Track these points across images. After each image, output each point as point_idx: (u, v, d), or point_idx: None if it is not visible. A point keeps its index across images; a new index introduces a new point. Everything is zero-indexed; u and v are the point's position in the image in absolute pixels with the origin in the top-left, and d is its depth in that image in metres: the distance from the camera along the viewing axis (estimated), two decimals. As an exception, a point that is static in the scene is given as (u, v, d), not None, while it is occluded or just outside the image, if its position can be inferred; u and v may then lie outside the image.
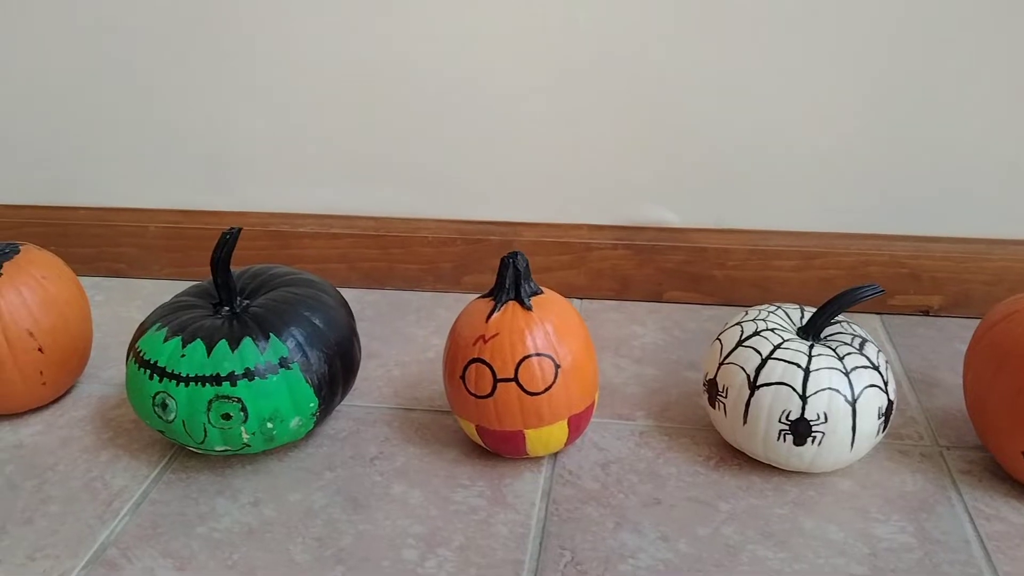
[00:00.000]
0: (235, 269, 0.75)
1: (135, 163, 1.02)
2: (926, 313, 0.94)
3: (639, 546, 0.64)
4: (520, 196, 0.97)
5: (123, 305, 1.01)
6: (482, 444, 0.72)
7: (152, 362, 0.69)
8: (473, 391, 0.68)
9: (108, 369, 0.88)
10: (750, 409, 0.67)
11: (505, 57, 0.90)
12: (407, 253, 1.01)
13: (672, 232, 0.96)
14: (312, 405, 0.70)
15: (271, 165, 1.00)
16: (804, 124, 0.89)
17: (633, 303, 0.99)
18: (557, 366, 0.67)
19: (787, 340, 0.68)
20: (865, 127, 0.88)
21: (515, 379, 0.67)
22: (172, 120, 0.99)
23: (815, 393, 0.65)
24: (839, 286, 0.92)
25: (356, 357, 0.75)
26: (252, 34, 0.93)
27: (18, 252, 0.78)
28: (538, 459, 0.73)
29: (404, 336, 0.93)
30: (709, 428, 0.76)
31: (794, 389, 0.65)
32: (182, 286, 1.05)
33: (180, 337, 0.69)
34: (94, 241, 1.05)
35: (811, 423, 0.65)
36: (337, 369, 0.72)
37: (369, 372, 0.86)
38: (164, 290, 1.04)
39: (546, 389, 0.67)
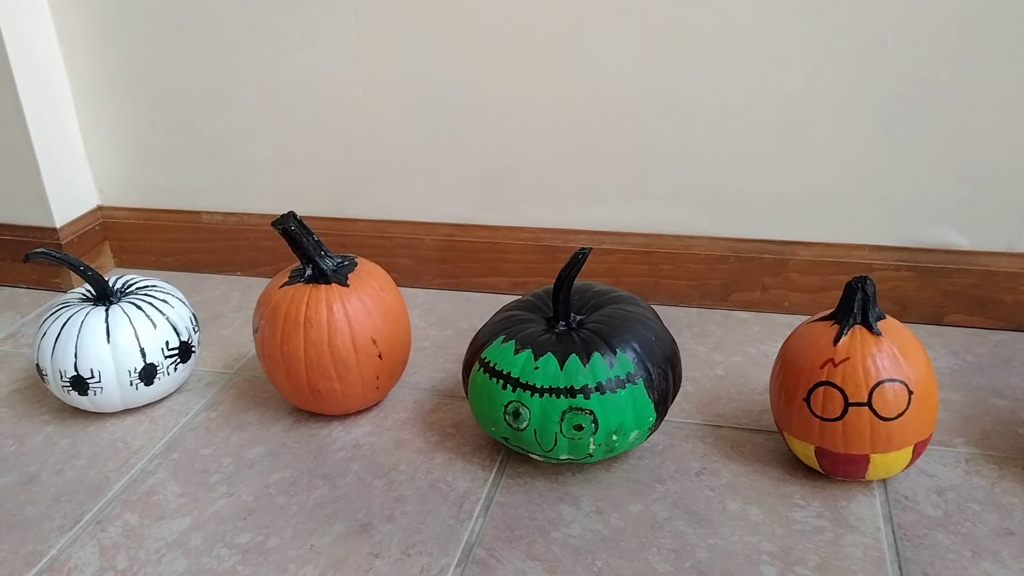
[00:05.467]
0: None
1: (416, 179, 1.07)
2: None
3: (1006, 577, 0.63)
4: (798, 215, 0.97)
5: (403, 313, 1.06)
6: (815, 465, 0.73)
7: (505, 372, 0.72)
8: (820, 413, 0.69)
9: (413, 375, 0.93)
10: (1116, 443, 0.65)
11: (797, 80, 0.91)
12: (676, 269, 1.03)
13: (960, 255, 0.94)
14: (651, 419, 0.73)
15: (548, 183, 1.03)
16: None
17: (912, 325, 0.97)
18: (910, 392, 0.67)
19: None
20: None
21: (868, 403, 0.67)
22: (455, 140, 1.03)
23: None
24: None
25: (680, 372, 0.78)
26: (537, 61, 0.96)
27: (356, 265, 0.83)
28: (868, 482, 0.73)
29: (686, 352, 0.95)
30: (1042, 459, 0.75)
31: None
32: (453, 296, 1.11)
33: (530, 350, 0.72)
34: (370, 252, 1.11)
35: None
36: (670, 384, 0.75)
37: (664, 387, 0.88)
38: (436, 299, 1.09)
39: (899, 415, 0.67)
